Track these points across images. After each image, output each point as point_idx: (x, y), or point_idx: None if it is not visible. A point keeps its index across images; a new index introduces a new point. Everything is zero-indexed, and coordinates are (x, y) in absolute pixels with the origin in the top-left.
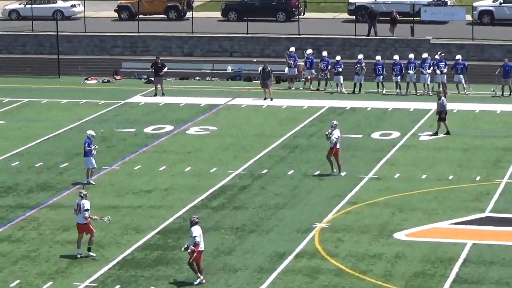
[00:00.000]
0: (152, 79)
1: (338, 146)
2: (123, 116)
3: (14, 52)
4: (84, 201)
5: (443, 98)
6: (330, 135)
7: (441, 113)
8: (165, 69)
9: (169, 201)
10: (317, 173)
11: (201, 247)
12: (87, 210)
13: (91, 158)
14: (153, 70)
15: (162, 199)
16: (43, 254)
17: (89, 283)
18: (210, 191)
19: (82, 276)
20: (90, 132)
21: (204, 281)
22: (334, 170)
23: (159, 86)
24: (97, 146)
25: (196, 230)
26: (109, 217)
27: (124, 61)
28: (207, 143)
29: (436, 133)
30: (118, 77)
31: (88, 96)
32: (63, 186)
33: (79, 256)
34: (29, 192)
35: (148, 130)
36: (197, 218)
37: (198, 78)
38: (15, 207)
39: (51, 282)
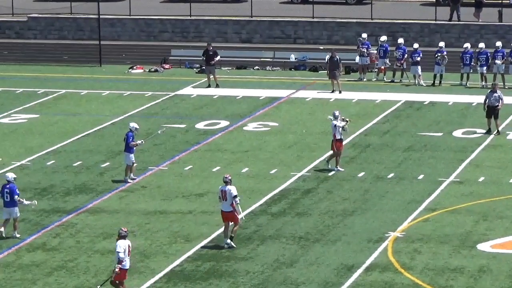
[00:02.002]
0: (204, 68)
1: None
2: (172, 110)
3: (50, 37)
4: (229, 186)
5: None
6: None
7: None
8: (218, 58)
9: None
10: (391, 175)
11: (125, 264)
12: (235, 196)
13: (131, 154)
14: (204, 59)
15: (216, 204)
16: (81, 265)
17: None
18: (270, 195)
19: None
20: (134, 125)
21: None
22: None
23: (211, 76)
24: (143, 142)
25: (121, 245)
26: (36, 201)
27: (174, 48)
28: (267, 141)
29: None
30: (166, 66)
31: (133, 87)
32: (104, 189)
33: (226, 246)
34: (66, 195)
35: (201, 125)
36: (125, 230)
37: (257, 67)
38: (50, 211)
39: None
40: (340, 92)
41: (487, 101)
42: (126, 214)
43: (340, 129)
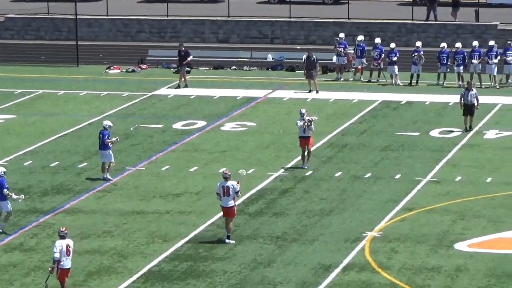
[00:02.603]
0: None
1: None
2: (149, 110)
3: (27, 38)
4: (231, 182)
5: None
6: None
7: None
8: (190, 58)
9: (201, 206)
10: (368, 175)
11: (65, 264)
12: (238, 192)
13: (108, 151)
14: (177, 59)
15: (193, 204)
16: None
17: None
18: (247, 195)
19: None
20: (108, 123)
21: None
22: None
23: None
24: (118, 139)
25: (57, 245)
26: (23, 196)
27: (151, 48)
28: (244, 141)
29: None
30: (144, 66)
31: (110, 87)
32: (81, 189)
33: (227, 242)
34: (43, 196)
35: (178, 126)
36: (63, 230)
37: (234, 67)
38: (27, 212)
39: None
40: (317, 92)
41: (463, 100)
42: (103, 214)
43: (303, 128)
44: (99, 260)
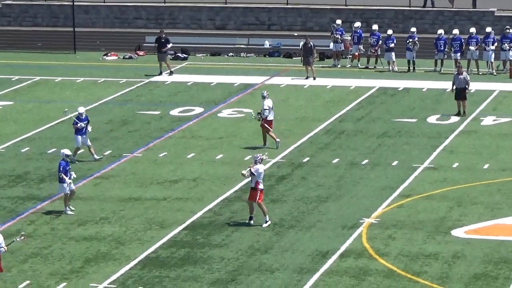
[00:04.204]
0: (180, 55)
1: (270, 118)
2: (146, 96)
3: (24, 25)
4: (259, 165)
5: None
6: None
7: None
8: (170, 45)
9: (198, 193)
10: (365, 161)
11: None
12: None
13: (79, 136)
14: (156, 46)
15: (190, 191)
16: (56, 252)
17: (108, 284)
18: (245, 181)
19: (99, 277)
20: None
21: None
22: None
23: (163, 63)
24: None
25: None
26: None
27: (148, 35)
28: (241, 128)
29: None
30: (141, 53)
31: (107, 74)
32: (79, 175)
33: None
34: (40, 182)
35: (175, 112)
36: None
37: (231, 54)
38: (24, 198)
39: (64, 283)
40: (314, 78)
41: (454, 84)
42: (101, 201)
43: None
44: (96, 247)
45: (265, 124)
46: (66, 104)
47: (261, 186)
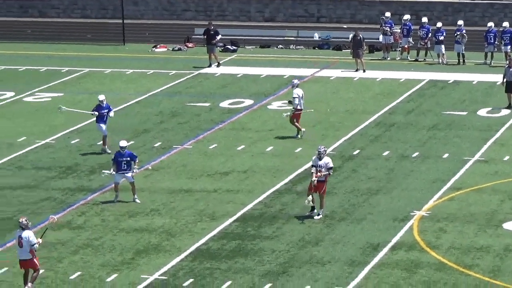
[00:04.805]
0: (229, 47)
1: (299, 108)
2: (196, 88)
3: (73, 16)
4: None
5: None
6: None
7: None
8: (219, 37)
9: (249, 185)
10: (416, 154)
11: (18, 255)
12: (331, 168)
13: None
14: (205, 38)
15: (241, 183)
16: (106, 243)
17: (159, 276)
18: (295, 173)
19: (150, 268)
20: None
21: None
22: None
23: (212, 55)
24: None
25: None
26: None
27: (197, 26)
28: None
29: None
30: (190, 45)
31: (156, 66)
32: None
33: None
34: (90, 174)
35: (225, 104)
36: (23, 221)
37: (280, 46)
38: (75, 190)
39: (115, 274)
40: (364, 71)
41: (505, 77)
42: (151, 193)
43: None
44: (147, 239)
45: (295, 114)
46: (115, 96)
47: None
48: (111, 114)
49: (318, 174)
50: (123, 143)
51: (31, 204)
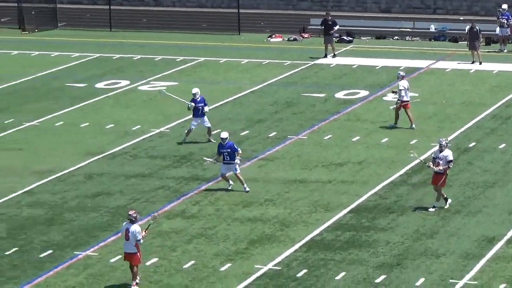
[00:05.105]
0: (345, 38)
1: (405, 99)
2: (311, 79)
3: (188, 5)
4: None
5: None
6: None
7: None
8: (336, 27)
9: (364, 176)
10: None
11: (124, 248)
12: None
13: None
14: (323, 28)
15: (356, 174)
16: (220, 232)
17: (272, 266)
18: (410, 165)
19: (264, 258)
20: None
21: None
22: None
23: (329, 46)
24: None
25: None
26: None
27: (313, 17)
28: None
29: None
30: (305, 35)
31: (271, 56)
32: (243, 157)
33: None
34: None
35: (340, 95)
36: (133, 214)
37: (396, 37)
38: (189, 179)
39: (229, 264)
40: (480, 63)
41: None
42: (265, 183)
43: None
44: (261, 228)
45: (402, 105)
46: (230, 85)
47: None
48: (206, 109)
49: (435, 167)
50: (224, 135)
51: (145, 193)
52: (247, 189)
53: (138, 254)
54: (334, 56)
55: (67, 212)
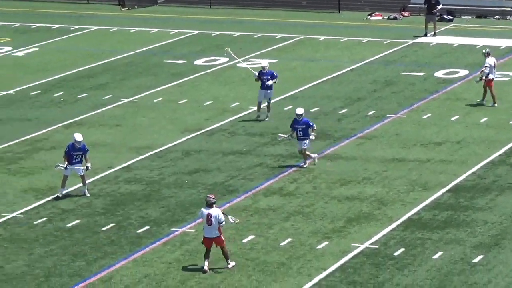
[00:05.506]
0: (445, 17)
1: (490, 77)
2: (411, 57)
3: None
4: None
5: None
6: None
7: None
8: (439, 7)
9: (462, 155)
10: None
11: (204, 233)
12: None
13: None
14: (426, 7)
15: (454, 153)
16: (317, 210)
17: (369, 244)
18: (510, 145)
19: (361, 237)
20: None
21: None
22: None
23: (429, 24)
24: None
25: (200, 213)
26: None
27: None
28: (506, 92)
29: None
30: (406, 14)
31: (371, 34)
32: (342, 135)
33: None
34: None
35: (439, 74)
36: (212, 197)
37: (497, 17)
38: (287, 156)
39: (326, 242)
40: None
41: None
42: (364, 161)
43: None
44: (358, 207)
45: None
46: (329, 63)
47: None
48: (269, 82)
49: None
50: (299, 111)
51: (243, 170)
52: (317, 160)
53: (222, 236)
54: (435, 35)
55: (164, 189)
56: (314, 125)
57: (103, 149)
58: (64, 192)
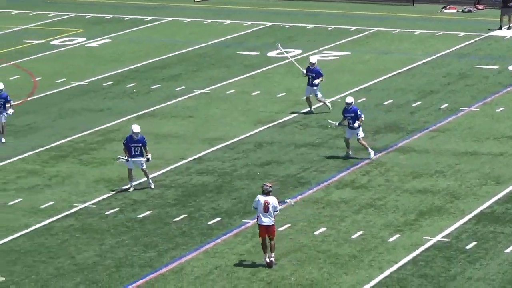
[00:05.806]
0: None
1: None
2: (485, 51)
3: None
4: None
5: None
6: None
7: None
8: None
9: None
10: None
11: (260, 221)
12: None
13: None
14: (501, 0)
15: None
16: (389, 203)
17: (441, 237)
18: None
19: (433, 230)
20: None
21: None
22: None
23: (504, 18)
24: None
25: (256, 200)
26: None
27: None
28: None
29: None
30: (480, 7)
31: (445, 27)
32: (414, 128)
33: None
34: (375, 133)
35: None
36: (268, 186)
37: None
38: (359, 149)
39: (397, 235)
40: None
41: None
42: (436, 154)
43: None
44: (430, 200)
45: None
46: (403, 56)
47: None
48: (316, 81)
49: None
50: (349, 99)
51: (314, 162)
52: (372, 156)
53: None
54: (510, 28)
55: (236, 180)
56: (362, 115)
57: (176, 141)
58: (134, 184)
